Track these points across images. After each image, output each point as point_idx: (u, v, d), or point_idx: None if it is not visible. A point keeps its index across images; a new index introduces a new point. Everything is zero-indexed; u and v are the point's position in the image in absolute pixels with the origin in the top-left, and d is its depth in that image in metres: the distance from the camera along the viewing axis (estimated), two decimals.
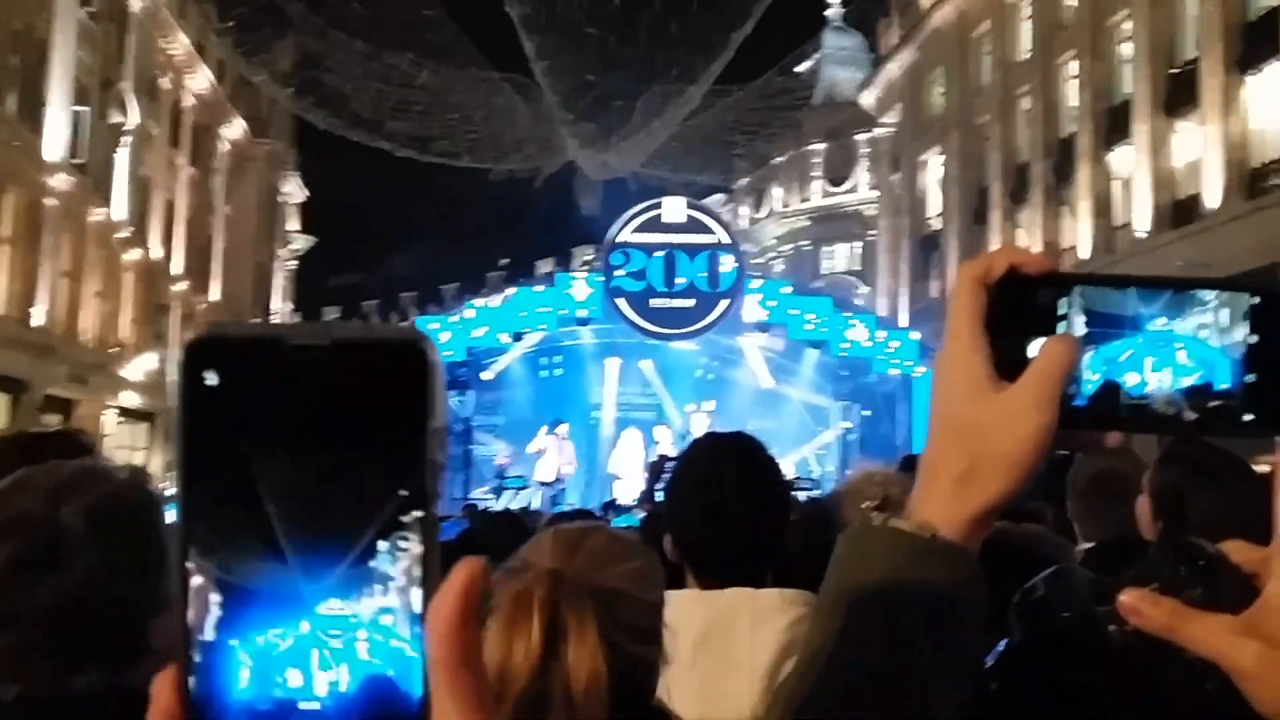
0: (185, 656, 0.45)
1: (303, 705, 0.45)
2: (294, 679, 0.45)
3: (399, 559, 0.45)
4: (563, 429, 17.08)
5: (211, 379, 0.45)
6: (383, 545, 0.45)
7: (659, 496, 4.82)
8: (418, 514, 0.45)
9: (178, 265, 32.95)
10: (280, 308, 45.71)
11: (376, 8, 20.80)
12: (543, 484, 16.48)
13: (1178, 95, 22.95)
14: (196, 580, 0.45)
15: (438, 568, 0.46)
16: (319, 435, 0.45)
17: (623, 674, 1.22)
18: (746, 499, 1.88)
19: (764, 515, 1.91)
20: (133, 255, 28.90)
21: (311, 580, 0.45)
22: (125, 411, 28.90)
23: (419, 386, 0.45)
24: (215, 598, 0.45)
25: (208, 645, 0.45)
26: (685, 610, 1.78)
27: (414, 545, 0.45)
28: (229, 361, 0.45)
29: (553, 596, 1.21)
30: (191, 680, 0.45)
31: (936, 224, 34.28)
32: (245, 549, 0.44)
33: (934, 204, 34.83)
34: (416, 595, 0.45)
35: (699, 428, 16.95)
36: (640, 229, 17.13)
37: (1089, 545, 2.97)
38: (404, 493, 0.45)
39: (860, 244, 46.01)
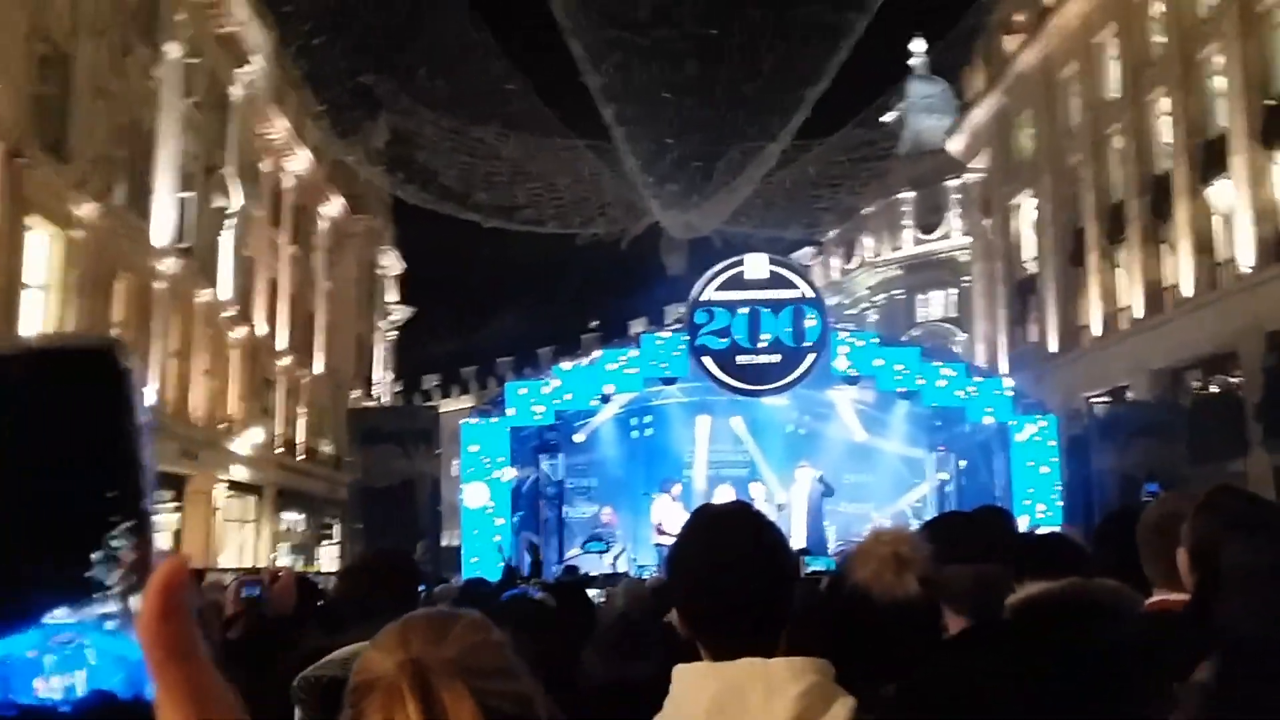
0: None
1: (39, 709, 0.47)
2: (30, 685, 0.47)
3: (114, 565, 0.47)
4: (676, 489, 16.88)
5: None
6: (96, 555, 0.47)
7: None
8: (128, 520, 0.47)
9: (282, 340, 33.98)
10: (382, 377, 46.72)
11: (460, 84, 21.39)
12: (659, 546, 16.31)
13: (1276, 126, 22.27)
14: None
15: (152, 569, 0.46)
16: (22, 444, 0.46)
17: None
18: (750, 568, 1.86)
19: (768, 584, 1.88)
20: (239, 333, 29.89)
21: (36, 589, 0.47)
22: (234, 485, 29.68)
23: (114, 391, 0.47)
24: None
25: None
26: (696, 683, 1.77)
27: (127, 550, 0.47)
28: None
29: (421, 681, 1.22)
30: None
31: (1032, 267, 33.62)
32: None
33: (1028, 247, 34.20)
34: (136, 600, 0.47)
35: (802, 484, 16.72)
36: (723, 287, 17.14)
37: (1160, 598, 2.83)
38: (111, 494, 0.47)
39: (955, 290, 45.34)
